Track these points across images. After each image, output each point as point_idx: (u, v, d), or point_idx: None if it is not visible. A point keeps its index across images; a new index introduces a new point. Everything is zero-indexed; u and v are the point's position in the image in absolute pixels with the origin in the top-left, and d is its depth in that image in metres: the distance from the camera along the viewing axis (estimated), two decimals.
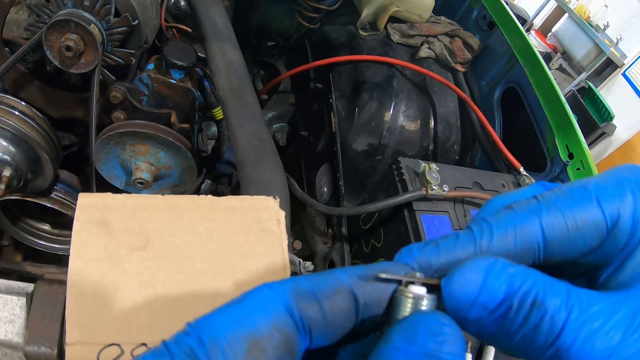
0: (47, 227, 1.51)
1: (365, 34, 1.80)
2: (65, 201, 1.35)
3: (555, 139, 1.56)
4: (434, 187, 1.16)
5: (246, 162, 1.04)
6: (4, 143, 1.16)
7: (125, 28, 1.07)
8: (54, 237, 1.51)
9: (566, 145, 1.54)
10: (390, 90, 1.63)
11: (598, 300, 0.33)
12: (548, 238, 0.36)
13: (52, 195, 1.34)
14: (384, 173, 1.29)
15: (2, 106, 1.14)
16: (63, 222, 1.48)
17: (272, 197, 0.71)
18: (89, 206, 0.65)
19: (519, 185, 1.48)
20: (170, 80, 1.24)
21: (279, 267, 0.65)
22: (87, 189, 1.36)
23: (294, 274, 0.80)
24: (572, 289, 0.33)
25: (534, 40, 6.40)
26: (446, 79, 1.72)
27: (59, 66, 1.05)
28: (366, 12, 1.80)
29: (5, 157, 1.15)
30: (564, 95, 4.85)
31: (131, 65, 1.15)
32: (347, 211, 1.34)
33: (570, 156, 1.51)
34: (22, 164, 1.19)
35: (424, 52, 1.78)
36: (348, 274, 0.34)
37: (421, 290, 0.34)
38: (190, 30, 1.37)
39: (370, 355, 0.32)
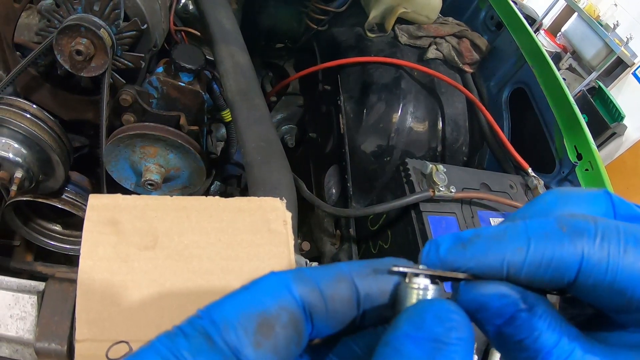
0: (57, 227, 1.53)
1: (372, 35, 1.80)
2: (75, 202, 1.36)
3: (564, 140, 1.56)
4: (441, 189, 1.16)
5: (254, 164, 1.05)
6: (16, 145, 1.17)
7: (134, 32, 1.09)
8: (65, 237, 1.53)
9: (574, 146, 1.53)
10: (398, 92, 1.63)
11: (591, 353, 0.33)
12: (580, 280, 0.33)
13: (63, 196, 1.35)
14: (392, 174, 1.30)
15: (13, 109, 1.16)
16: (74, 222, 1.50)
17: (279, 198, 0.72)
18: (100, 207, 0.67)
19: (527, 186, 1.47)
20: (179, 83, 1.25)
21: (284, 267, 0.66)
22: (97, 190, 1.37)
23: None
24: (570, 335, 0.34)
25: (543, 40, 6.35)
26: (454, 80, 1.72)
27: (69, 70, 1.07)
28: (374, 14, 1.80)
29: (17, 159, 1.17)
30: (574, 96, 4.84)
31: (141, 69, 1.16)
32: (354, 212, 1.35)
33: (579, 157, 1.51)
34: (33, 166, 1.20)
35: (432, 53, 1.78)
36: (350, 265, 0.35)
37: (426, 281, 0.35)
38: (198, 33, 1.38)
39: (378, 344, 0.32)
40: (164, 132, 1.21)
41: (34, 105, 1.18)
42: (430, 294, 0.34)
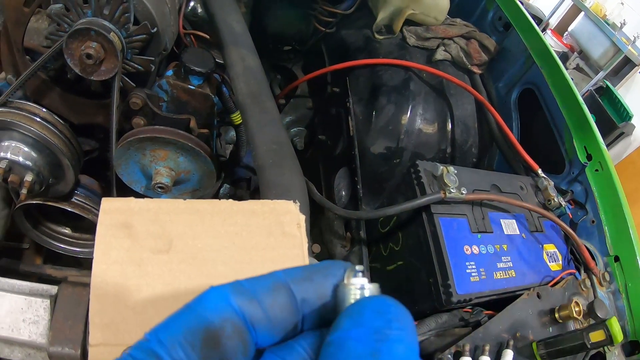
0: (67, 230, 1.53)
1: (381, 37, 1.80)
2: (85, 205, 1.37)
3: (573, 140, 1.56)
4: (452, 190, 1.16)
5: (266, 167, 1.05)
6: (26, 149, 1.18)
7: (144, 36, 1.09)
8: (75, 240, 1.53)
9: (584, 147, 1.54)
10: (408, 94, 1.63)
11: None
12: None
13: (73, 199, 1.36)
14: (402, 176, 1.29)
15: (24, 113, 1.16)
16: (83, 226, 1.50)
17: (292, 200, 0.72)
18: (112, 210, 0.67)
19: (537, 187, 1.48)
20: (189, 86, 1.26)
21: None
22: (107, 193, 1.38)
23: None
24: None
25: (550, 40, 6.33)
26: (463, 81, 1.72)
27: (79, 74, 1.07)
28: (382, 16, 1.80)
29: (27, 162, 1.17)
30: (582, 95, 4.82)
31: (150, 72, 1.17)
32: (365, 215, 1.34)
33: (589, 157, 1.52)
34: (43, 170, 1.21)
35: (440, 54, 1.77)
36: (286, 272, 0.37)
37: (363, 280, 0.36)
38: (208, 37, 1.38)
39: (323, 344, 0.33)
40: (174, 135, 1.21)
41: (44, 109, 1.19)
42: (367, 292, 0.36)
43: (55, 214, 1.46)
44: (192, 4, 1.39)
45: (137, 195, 1.36)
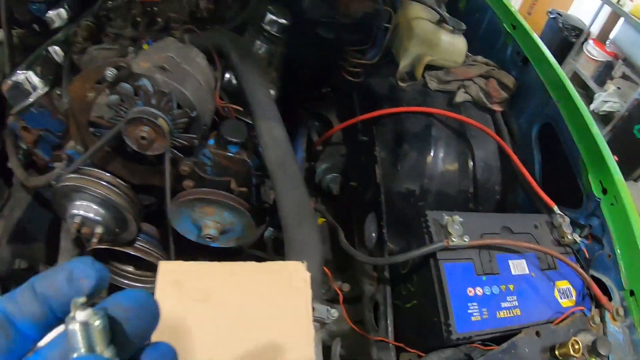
0: (131, 268, 1.78)
1: (404, 84, 1.91)
2: (147, 250, 1.60)
3: (589, 175, 1.57)
4: (453, 239, 1.27)
5: (288, 226, 1.27)
6: (95, 207, 1.41)
7: (186, 119, 1.29)
8: (137, 277, 1.79)
9: (600, 181, 1.54)
10: (429, 139, 1.74)
11: None
12: None
13: (136, 244, 1.59)
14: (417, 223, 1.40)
15: (92, 178, 1.39)
16: (145, 265, 1.74)
17: (301, 261, 0.96)
18: (168, 271, 0.91)
19: (552, 225, 1.53)
20: (228, 153, 1.46)
21: (303, 316, 0.90)
22: (165, 237, 1.59)
23: (319, 319, 1.05)
24: None
25: (593, 50, 6.02)
26: (484, 121, 1.80)
27: (136, 150, 1.28)
28: (403, 63, 1.91)
29: (97, 218, 1.42)
30: (630, 104, 4.66)
31: (195, 146, 1.37)
32: (382, 261, 1.50)
33: (604, 191, 1.52)
34: (110, 223, 1.45)
35: (461, 96, 1.85)
36: (37, 276, 0.46)
37: (87, 314, 0.39)
38: (241, 109, 1.53)
39: None
40: (217, 195, 1.43)
41: (108, 174, 1.42)
42: (96, 333, 0.39)
43: (120, 254, 1.68)
44: (227, 76, 1.55)
45: (191, 242, 1.57)
